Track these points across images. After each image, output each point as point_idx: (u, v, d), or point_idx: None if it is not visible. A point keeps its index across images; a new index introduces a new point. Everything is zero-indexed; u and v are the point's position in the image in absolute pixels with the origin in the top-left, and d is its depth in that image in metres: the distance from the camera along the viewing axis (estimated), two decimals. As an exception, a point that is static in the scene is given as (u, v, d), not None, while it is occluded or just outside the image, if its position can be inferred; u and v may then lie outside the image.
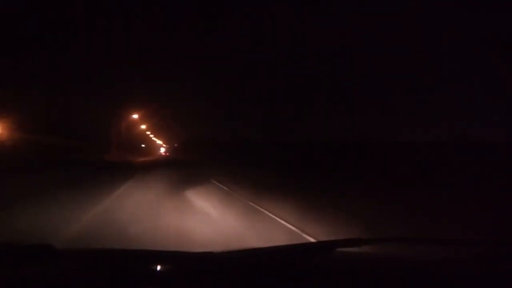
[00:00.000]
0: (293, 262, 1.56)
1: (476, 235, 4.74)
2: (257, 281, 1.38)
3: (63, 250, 1.53)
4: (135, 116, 44.76)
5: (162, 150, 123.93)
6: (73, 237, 4.85)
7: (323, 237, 4.84)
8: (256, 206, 7.96)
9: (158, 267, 1.51)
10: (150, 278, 1.41)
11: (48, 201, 7.96)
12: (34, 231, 4.88)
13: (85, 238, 4.87)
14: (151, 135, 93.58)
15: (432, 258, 1.60)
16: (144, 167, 24.60)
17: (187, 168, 23.35)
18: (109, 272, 1.41)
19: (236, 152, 39.31)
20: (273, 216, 6.76)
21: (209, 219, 6.44)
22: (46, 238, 4.43)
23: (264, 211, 7.36)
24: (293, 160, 23.21)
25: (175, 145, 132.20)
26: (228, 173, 17.96)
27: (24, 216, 6.08)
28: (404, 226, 5.95)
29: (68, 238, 4.79)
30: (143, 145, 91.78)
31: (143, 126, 57.62)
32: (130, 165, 28.35)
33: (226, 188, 11.94)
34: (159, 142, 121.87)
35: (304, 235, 5.27)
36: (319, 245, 2.18)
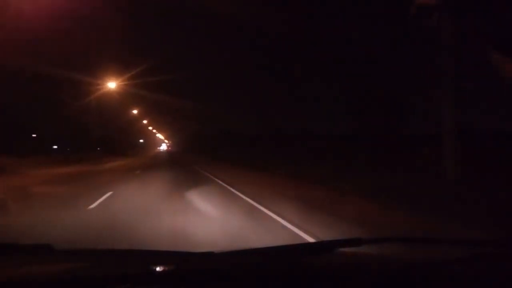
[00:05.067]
0: (293, 262, 1.57)
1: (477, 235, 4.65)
2: (257, 281, 1.39)
3: (63, 250, 1.53)
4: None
5: (163, 147, 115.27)
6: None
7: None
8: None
9: (158, 267, 1.51)
10: (150, 278, 1.41)
11: None
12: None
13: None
14: (152, 128, 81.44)
15: (432, 258, 1.60)
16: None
17: None
18: (109, 272, 1.41)
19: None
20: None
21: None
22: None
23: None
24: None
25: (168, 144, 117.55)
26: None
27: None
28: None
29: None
30: (141, 141, 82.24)
31: (111, 85, 31.88)
32: None
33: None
34: (160, 136, 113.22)
35: None
36: (319, 245, 2.18)
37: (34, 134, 38.01)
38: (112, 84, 29.97)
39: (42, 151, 32.02)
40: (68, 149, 39.10)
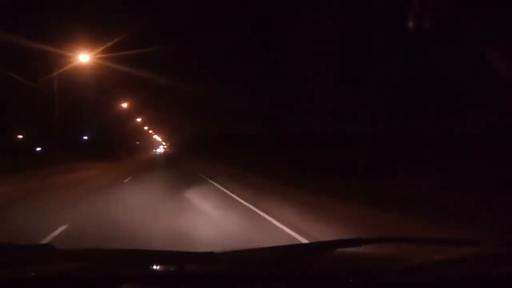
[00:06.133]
0: (294, 262, 1.57)
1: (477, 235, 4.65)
2: (257, 281, 1.39)
3: (63, 250, 1.53)
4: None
5: (160, 149, 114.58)
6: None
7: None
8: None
9: (158, 267, 1.51)
10: (150, 278, 1.41)
11: None
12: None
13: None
14: (147, 128, 75.91)
15: (432, 258, 1.61)
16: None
17: None
18: (109, 272, 1.41)
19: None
20: None
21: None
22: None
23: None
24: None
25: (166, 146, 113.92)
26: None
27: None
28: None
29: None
30: (137, 143, 74.96)
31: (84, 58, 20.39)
32: None
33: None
34: (157, 138, 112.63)
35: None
36: (319, 245, 2.18)
37: (20, 134, 33.74)
38: (84, 57, 20.84)
39: (23, 154, 26.23)
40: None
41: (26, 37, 18.57)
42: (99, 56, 20.99)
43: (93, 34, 22.11)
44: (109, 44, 20.14)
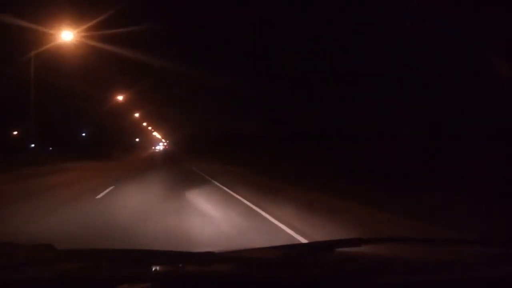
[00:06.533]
0: (294, 262, 1.57)
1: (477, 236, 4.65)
2: (257, 281, 1.39)
3: (63, 250, 1.53)
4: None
5: (160, 146, 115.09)
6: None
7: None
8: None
9: (158, 267, 1.51)
10: (150, 278, 1.41)
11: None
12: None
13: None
14: (146, 124, 73.86)
15: (432, 258, 1.61)
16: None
17: None
18: (109, 272, 1.41)
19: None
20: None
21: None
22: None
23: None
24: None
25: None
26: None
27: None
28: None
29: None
30: (137, 140, 73.07)
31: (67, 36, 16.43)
32: None
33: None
34: (157, 135, 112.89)
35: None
36: (319, 245, 2.18)
37: (15, 130, 32.03)
38: (68, 35, 17.70)
39: (16, 151, 24.23)
40: (50, 148, 32.29)
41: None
42: (85, 34, 17.92)
43: (81, 10, 20.11)
44: (102, 20, 17.17)
